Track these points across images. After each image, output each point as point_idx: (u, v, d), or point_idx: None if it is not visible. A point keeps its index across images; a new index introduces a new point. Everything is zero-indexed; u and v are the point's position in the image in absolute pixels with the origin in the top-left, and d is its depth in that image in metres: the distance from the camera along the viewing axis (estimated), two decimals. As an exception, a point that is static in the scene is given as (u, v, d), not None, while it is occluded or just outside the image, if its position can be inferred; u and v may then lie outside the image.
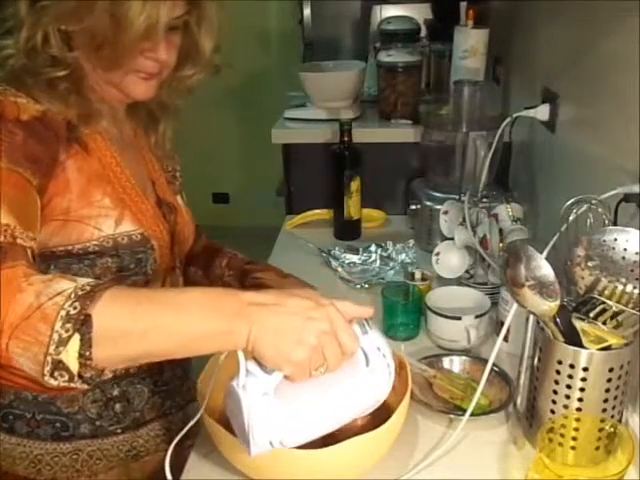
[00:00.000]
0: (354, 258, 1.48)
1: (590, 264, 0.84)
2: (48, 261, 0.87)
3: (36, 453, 0.97)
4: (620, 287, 0.82)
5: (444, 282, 1.31)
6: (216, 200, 4.02)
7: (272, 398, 0.69)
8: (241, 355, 0.69)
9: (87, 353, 0.64)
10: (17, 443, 0.97)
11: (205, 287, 0.70)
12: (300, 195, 1.81)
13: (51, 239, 0.87)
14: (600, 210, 0.90)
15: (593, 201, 0.90)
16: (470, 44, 1.70)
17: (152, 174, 1.04)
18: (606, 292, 0.83)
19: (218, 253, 1.18)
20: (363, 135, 1.67)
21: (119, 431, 1.00)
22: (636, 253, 0.82)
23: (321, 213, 1.74)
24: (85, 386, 0.66)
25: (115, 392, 0.98)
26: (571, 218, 0.91)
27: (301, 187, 1.81)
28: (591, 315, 0.82)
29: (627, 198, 0.92)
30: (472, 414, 0.91)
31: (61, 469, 0.98)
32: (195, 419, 0.79)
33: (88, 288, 0.66)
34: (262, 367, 0.69)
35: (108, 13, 0.83)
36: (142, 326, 0.66)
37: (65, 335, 0.63)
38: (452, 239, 1.30)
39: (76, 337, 0.63)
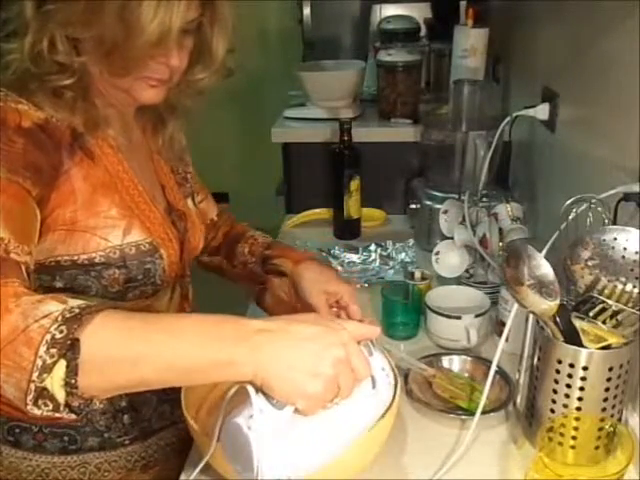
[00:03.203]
0: (354, 257, 1.48)
1: (590, 263, 0.84)
2: (53, 272, 0.85)
3: (43, 467, 0.95)
4: (620, 286, 0.82)
5: (444, 281, 1.31)
6: (216, 199, 3.96)
7: (282, 436, 0.65)
8: (251, 390, 0.64)
9: (72, 381, 0.60)
10: (23, 457, 0.95)
11: (206, 314, 0.66)
12: (300, 194, 1.81)
13: (56, 248, 0.84)
14: (600, 209, 0.90)
15: (593, 200, 0.90)
16: (470, 43, 1.70)
17: (162, 178, 1.01)
18: (606, 291, 0.83)
19: (239, 239, 1.14)
20: (363, 134, 1.67)
21: (127, 442, 0.98)
22: (636, 252, 0.82)
23: (321, 212, 1.74)
24: (73, 416, 0.62)
25: (123, 403, 0.96)
26: (571, 217, 0.91)
27: (301, 186, 1.81)
28: (591, 314, 0.82)
29: (627, 197, 0.92)
30: (471, 413, 0.91)
31: None
32: (207, 458, 0.73)
33: (77, 310, 0.62)
34: (271, 401, 0.64)
35: (118, 19, 0.78)
36: (134, 353, 0.62)
37: (49, 361, 0.59)
38: (452, 238, 1.30)
39: (62, 363, 0.59)
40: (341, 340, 0.66)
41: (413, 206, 1.56)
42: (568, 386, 0.84)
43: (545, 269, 0.82)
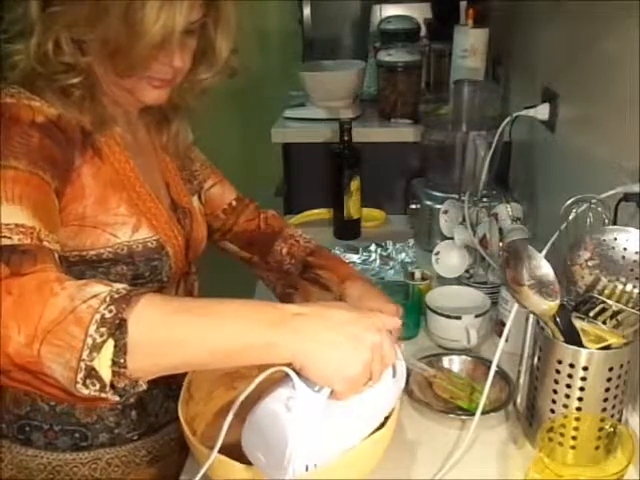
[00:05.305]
0: (354, 257, 1.48)
1: (590, 263, 0.84)
2: (61, 268, 0.86)
3: (54, 464, 0.96)
4: (620, 286, 0.82)
5: (444, 282, 1.31)
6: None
7: (316, 420, 0.64)
8: (291, 372, 0.65)
9: (121, 360, 0.61)
10: (34, 455, 0.96)
11: (246, 299, 0.68)
12: (300, 195, 1.81)
13: (66, 244, 0.84)
14: (600, 209, 0.90)
15: (593, 200, 0.90)
16: (470, 43, 1.70)
17: (166, 175, 1.02)
18: (606, 291, 0.83)
19: (276, 237, 1.13)
20: (363, 135, 1.67)
21: (136, 437, 0.98)
22: (636, 252, 0.82)
23: (321, 212, 1.74)
24: (116, 398, 0.63)
25: (132, 399, 0.94)
26: (571, 217, 0.91)
27: (301, 187, 1.81)
28: (591, 314, 0.82)
29: (627, 197, 0.92)
30: (472, 413, 0.91)
31: (80, 479, 0.97)
32: (210, 461, 0.71)
33: (124, 292, 0.63)
34: (307, 384, 0.64)
35: (122, 21, 0.79)
36: (180, 335, 0.63)
37: (99, 340, 0.60)
38: (452, 238, 1.30)
39: (110, 343, 0.60)
40: (376, 326, 0.68)
41: (413, 206, 1.56)
42: (568, 386, 0.84)
43: (545, 269, 0.82)
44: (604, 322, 0.82)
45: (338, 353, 0.65)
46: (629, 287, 0.82)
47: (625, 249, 0.83)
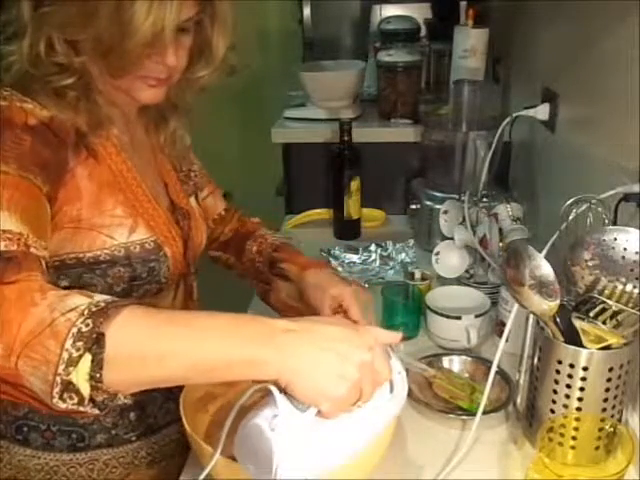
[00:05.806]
0: (354, 258, 1.48)
1: (590, 263, 0.84)
2: (58, 271, 0.85)
3: (52, 465, 0.96)
4: (620, 286, 0.82)
5: (444, 282, 1.31)
6: (216, 200, 3.99)
7: (302, 439, 0.64)
8: (275, 390, 0.63)
9: (97, 375, 0.60)
10: (32, 455, 0.95)
11: (234, 313, 0.66)
12: (300, 195, 1.81)
13: (62, 247, 0.84)
14: (600, 209, 0.90)
15: (593, 200, 0.90)
16: (470, 44, 1.70)
17: (164, 176, 1.02)
18: (606, 291, 0.83)
19: (248, 237, 1.15)
20: (363, 135, 1.67)
21: (134, 438, 0.98)
22: (636, 252, 0.82)
23: (321, 213, 1.74)
24: (96, 411, 0.62)
25: (129, 401, 0.96)
26: (571, 217, 0.91)
27: (301, 187, 1.81)
28: (591, 314, 0.82)
29: (627, 198, 0.92)
30: (472, 413, 0.91)
31: (77, 479, 0.97)
32: (211, 464, 0.70)
33: (103, 305, 0.62)
34: (294, 402, 0.64)
35: (112, 20, 0.78)
36: (161, 350, 0.62)
37: (76, 354, 0.59)
38: (452, 239, 1.30)
39: (87, 357, 0.59)
40: (367, 343, 0.66)
41: (413, 206, 1.56)
42: (568, 386, 0.84)
43: (545, 269, 0.82)
44: (604, 322, 0.82)
45: (324, 372, 0.63)
46: (629, 287, 0.82)
47: (625, 249, 0.83)
